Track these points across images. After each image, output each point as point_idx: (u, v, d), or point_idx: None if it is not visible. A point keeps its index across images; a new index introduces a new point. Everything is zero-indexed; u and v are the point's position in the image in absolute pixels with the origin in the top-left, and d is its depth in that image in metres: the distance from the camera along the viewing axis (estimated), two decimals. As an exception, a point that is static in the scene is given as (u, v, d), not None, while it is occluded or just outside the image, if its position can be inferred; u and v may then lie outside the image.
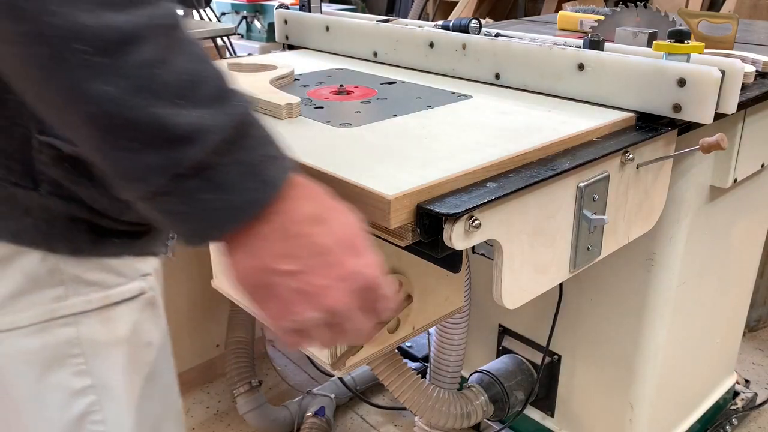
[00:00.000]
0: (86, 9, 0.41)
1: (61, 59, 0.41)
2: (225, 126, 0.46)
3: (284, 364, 1.92)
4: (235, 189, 0.47)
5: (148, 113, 0.43)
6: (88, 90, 0.42)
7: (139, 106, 0.43)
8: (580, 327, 1.31)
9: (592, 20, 1.45)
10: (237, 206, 0.48)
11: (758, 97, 1.01)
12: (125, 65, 0.42)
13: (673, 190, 1.05)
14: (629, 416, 1.29)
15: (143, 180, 0.45)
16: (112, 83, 0.42)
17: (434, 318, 1.02)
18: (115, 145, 0.44)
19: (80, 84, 0.42)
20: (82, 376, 0.59)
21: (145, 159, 0.44)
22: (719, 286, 1.36)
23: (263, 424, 1.56)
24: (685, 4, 3.07)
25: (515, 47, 1.06)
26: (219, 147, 0.46)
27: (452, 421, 1.31)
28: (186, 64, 0.45)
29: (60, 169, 0.53)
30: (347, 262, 0.51)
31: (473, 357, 1.55)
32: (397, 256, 0.91)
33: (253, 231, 0.49)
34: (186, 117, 0.44)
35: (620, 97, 0.95)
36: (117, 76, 0.42)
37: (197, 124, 0.45)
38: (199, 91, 0.45)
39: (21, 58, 0.42)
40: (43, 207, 0.53)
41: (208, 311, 1.71)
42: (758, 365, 1.91)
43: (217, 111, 0.46)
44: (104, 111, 0.42)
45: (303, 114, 0.95)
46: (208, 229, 0.49)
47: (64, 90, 0.42)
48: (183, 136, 0.44)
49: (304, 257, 0.50)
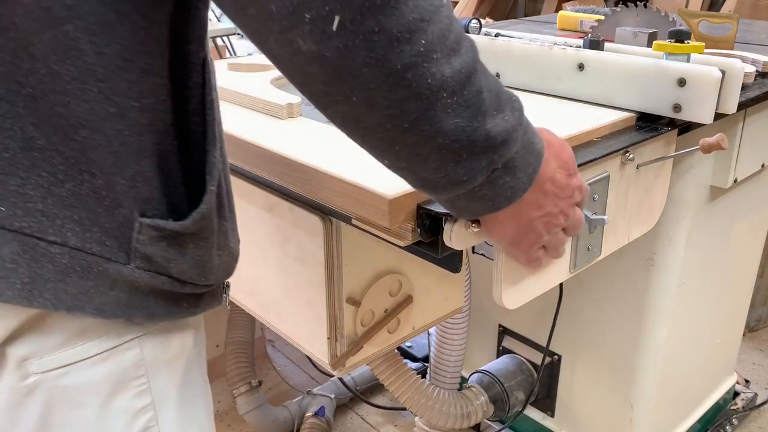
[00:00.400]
0: (445, 62, 0.47)
1: (429, 109, 0.48)
2: (520, 120, 0.55)
3: (284, 364, 1.92)
4: (522, 167, 0.56)
5: (482, 131, 0.51)
6: (445, 126, 0.49)
7: (475, 128, 0.51)
8: (580, 327, 1.31)
9: (592, 20, 1.45)
10: (524, 180, 0.57)
11: (758, 97, 1.00)
12: (467, 97, 0.50)
13: (673, 190, 1.05)
14: (629, 416, 1.29)
15: (467, 182, 0.54)
16: (460, 116, 0.50)
17: (434, 318, 1.02)
18: (451, 161, 0.52)
19: (441, 123, 0.49)
20: (143, 395, 0.59)
21: (472, 165, 0.52)
22: (719, 287, 1.36)
23: (263, 424, 1.56)
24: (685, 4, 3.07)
25: (515, 47, 1.06)
26: (521, 136, 0.55)
27: (452, 421, 1.31)
28: (490, 79, 0.52)
29: (156, 248, 0.54)
30: (572, 184, 0.64)
31: (473, 357, 1.55)
32: (397, 256, 0.91)
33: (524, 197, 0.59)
34: (500, 123, 0.52)
35: (620, 97, 0.95)
36: (462, 108, 0.49)
37: (508, 126, 0.53)
38: (501, 99, 0.53)
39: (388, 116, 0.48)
40: (129, 281, 0.54)
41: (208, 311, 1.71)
42: (758, 365, 1.91)
43: (513, 110, 0.54)
44: (453, 139, 0.50)
45: (303, 114, 0.95)
46: (499, 205, 0.58)
47: (425, 132, 0.49)
48: (503, 140, 0.53)
49: (550, 201, 0.62)
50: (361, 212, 0.71)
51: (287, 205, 0.88)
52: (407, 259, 0.92)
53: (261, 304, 1.02)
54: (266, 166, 0.83)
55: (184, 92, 0.55)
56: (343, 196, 0.72)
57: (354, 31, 0.43)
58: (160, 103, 0.53)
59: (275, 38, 0.45)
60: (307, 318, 0.92)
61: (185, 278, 0.57)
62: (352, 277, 0.87)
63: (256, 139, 0.84)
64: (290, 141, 0.84)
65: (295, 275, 0.91)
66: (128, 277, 0.53)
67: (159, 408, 0.61)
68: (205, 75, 0.56)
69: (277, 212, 0.91)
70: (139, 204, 0.53)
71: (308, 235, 0.86)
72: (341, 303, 0.87)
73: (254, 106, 0.98)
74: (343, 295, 0.87)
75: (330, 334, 0.89)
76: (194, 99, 0.56)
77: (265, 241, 0.95)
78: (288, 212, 0.88)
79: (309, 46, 0.44)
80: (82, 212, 0.51)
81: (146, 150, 0.52)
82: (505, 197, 0.57)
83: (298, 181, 0.78)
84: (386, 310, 0.93)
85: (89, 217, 0.51)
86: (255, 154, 0.83)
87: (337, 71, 0.45)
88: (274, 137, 0.85)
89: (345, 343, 0.90)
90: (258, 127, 0.90)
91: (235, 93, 1.00)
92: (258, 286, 1.01)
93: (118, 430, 0.59)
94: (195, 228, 0.55)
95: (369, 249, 0.87)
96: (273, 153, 0.80)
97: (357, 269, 0.87)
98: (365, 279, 0.89)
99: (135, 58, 0.50)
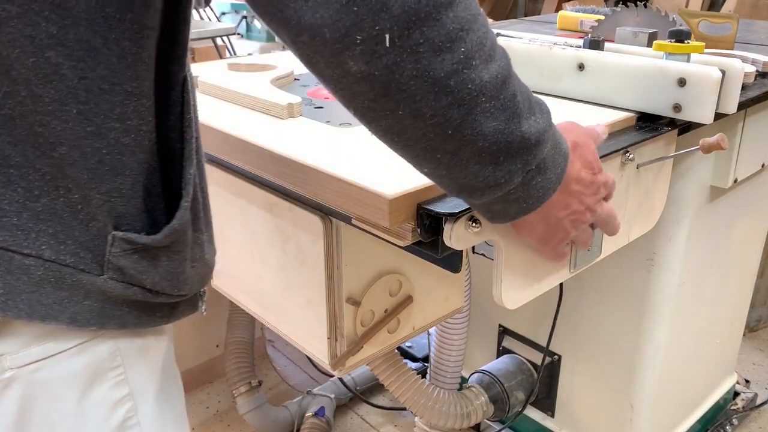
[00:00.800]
0: (483, 68, 0.49)
1: (470, 114, 0.50)
2: (549, 122, 0.57)
3: (284, 364, 1.92)
4: (552, 168, 0.58)
5: (517, 133, 0.53)
6: (483, 129, 0.51)
7: (512, 130, 0.52)
8: (580, 327, 1.31)
9: (592, 20, 1.45)
10: (553, 180, 0.59)
11: (758, 97, 1.00)
12: (504, 101, 0.51)
13: (674, 190, 1.05)
14: (629, 416, 1.29)
15: (504, 185, 0.55)
16: (497, 119, 0.51)
17: (434, 318, 1.02)
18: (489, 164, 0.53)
19: (481, 127, 0.51)
20: (121, 386, 0.60)
21: (510, 167, 0.54)
22: (719, 286, 1.36)
23: (263, 424, 1.56)
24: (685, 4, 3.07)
25: (515, 47, 1.06)
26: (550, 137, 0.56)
27: (452, 421, 1.31)
28: (521, 83, 0.54)
29: (129, 260, 0.55)
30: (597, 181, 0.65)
31: (473, 357, 1.55)
32: (397, 256, 0.91)
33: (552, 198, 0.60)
34: (533, 125, 0.54)
35: (620, 97, 0.95)
36: (499, 111, 0.51)
37: (540, 128, 0.55)
38: (532, 102, 0.55)
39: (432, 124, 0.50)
40: (102, 291, 0.55)
41: (208, 311, 1.71)
42: (758, 365, 1.91)
43: (543, 112, 0.56)
44: (492, 142, 0.52)
45: (303, 114, 0.95)
46: (531, 207, 0.59)
47: (467, 137, 0.51)
48: (536, 141, 0.54)
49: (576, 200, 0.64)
50: (361, 212, 0.71)
51: (287, 205, 0.88)
52: (407, 259, 0.92)
53: (261, 304, 1.02)
54: (266, 166, 0.83)
55: (165, 111, 0.57)
56: (343, 196, 0.72)
57: (402, 47, 0.45)
58: (146, 124, 0.54)
59: (326, 62, 0.47)
60: (307, 318, 0.92)
61: (158, 289, 0.58)
62: (352, 277, 0.87)
63: (256, 139, 0.84)
64: (290, 141, 0.84)
65: (295, 275, 0.91)
66: (101, 288, 0.55)
67: (137, 398, 0.62)
68: (184, 94, 0.58)
69: (277, 212, 0.91)
70: (113, 218, 0.54)
71: (308, 235, 0.86)
72: (341, 303, 0.87)
73: (254, 106, 0.98)
74: (343, 295, 0.87)
75: (330, 334, 0.89)
76: (173, 117, 0.58)
77: (265, 241, 0.95)
78: (288, 212, 0.88)
79: (359, 66, 0.46)
80: (57, 226, 0.52)
81: (125, 167, 0.54)
82: (536, 198, 0.59)
83: (298, 181, 0.78)
84: (386, 310, 0.93)
85: (64, 230, 0.52)
86: (255, 154, 0.83)
87: (385, 88, 0.47)
88: (274, 137, 0.85)
89: (345, 343, 0.90)
90: (258, 127, 0.90)
91: (235, 93, 1.00)
92: (258, 286, 1.01)
93: (97, 422, 0.59)
94: (167, 242, 0.57)
95: (369, 249, 0.87)
96: (273, 153, 0.80)
97: (357, 269, 0.87)
98: (365, 279, 0.89)
99: (122, 81, 0.51)
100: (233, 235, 1.02)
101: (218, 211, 1.04)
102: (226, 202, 1.00)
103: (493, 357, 1.49)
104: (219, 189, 1.01)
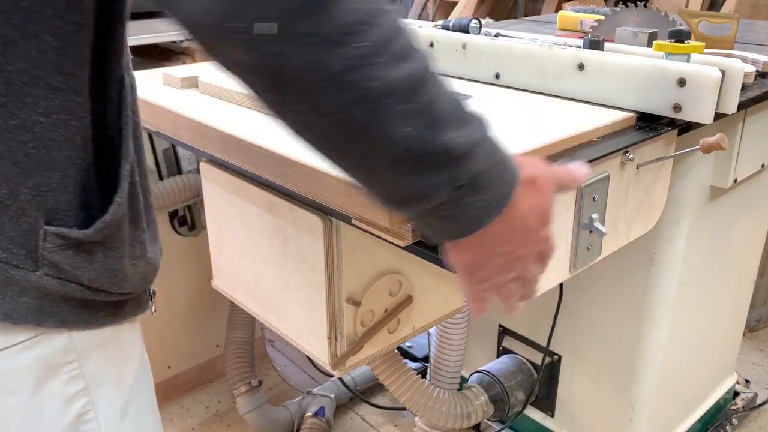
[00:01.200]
0: (392, 67, 0.46)
1: (378, 114, 0.47)
2: (485, 135, 0.53)
3: (284, 364, 1.92)
4: (492, 187, 0.53)
5: (438, 141, 0.49)
6: (396, 134, 0.48)
7: (431, 138, 0.49)
8: (580, 327, 1.31)
9: (592, 20, 1.45)
10: (495, 201, 0.54)
11: (758, 97, 1.00)
12: (419, 105, 0.48)
13: (674, 190, 1.05)
14: (629, 416, 1.29)
15: (429, 197, 0.52)
16: (412, 123, 0.48)
17: (434, 318, 1.02)
18: (407, 173, 0.50)
19: (389, 130, 0.48)
20: (75, 381, 0.60)
21: (433, 179, 0.51)
22: (719, 286, 1.36)
23: (263, 424, 1.56)
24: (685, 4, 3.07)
25: (515, 47, 1.06)
26: (486, 154, 0.52)
27: (452, 421, 1.31)
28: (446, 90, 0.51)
29: (63, 255, 0.55)
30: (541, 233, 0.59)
31: (473, 357, 1.55)
32: (397, 256, 0.91)
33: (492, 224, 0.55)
34: (461, 137, 0.50)
35: (620, 97, 0.95)
36: (413, 116, 0.48)
37: (470, 140, 0.51)
38: (460, 111, 0.52)
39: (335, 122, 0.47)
40: (39, 287, 0.55)
41: (208, 311, 1.72)
42: (758, 365, 1.91)
43: (476, 124, 0.53)
44: (406, 148, 0.49)
45: (303, 114, 0.95)
46: (470, 227, 0.55)
47: (375, 139, 0.48)
48: (464, 153, 0.51)
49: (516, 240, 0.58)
50: (361, 212, 0.71)
51: (287, 205, 0.88)
52: (407, 259, 0.92)
53: (261, 304, 1.02)
54: (266, 166, 0.83)
55: (103, 108, 0.57)
56: (343, 196, 0.72)
57: (287, 37, 0.43)
58: (77, 120, 0.54)
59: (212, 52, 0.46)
60: (307, 318, 0.92)
61: (96, 286, 0.58)
62: (352, 277, 0.87)
63: (256, 139, 0.84)
64: (290, 141, 0.84)
65: (295, 275, 0.91)
66: (37, 284, 0.55)
67: (94, 393, 0.61)
68: (122, 92, 0.58)
69: (277, 212, 0.91)
70: (44, 213, 0.54)
71: (308, 235, 0.86)
72: (341, 303, 0.87)
73: (254, 105, 0.98)
74: (343, 295, 0.87)
75: (330, 334, 0.89)
76: (111, 115, 0.58)
77: (265, 241, 0.95)
78: (288, 212, 0.88)
79: (241, 56, 0.44)
80: None
81: (54, 161, 0.54)
82: (472, 219, 0.54)
83: (298, 181, 0.78)
84: (386, 310, 0.93)
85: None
86: (255, 154, 0.83)
87: (275, 79, 0.46)
88: (274, 137, 0.85)
89: (345, 343, 0.90)
90: (258, 127, 0.90)
91: (235, 93, 1.00)
92: (258, 286, 1.01)
93: (51, 416, 0.59)
94: (99, 237, 0.56)
95: (369, 249, 0.87)
96: (273, 153, 0.80)
97: (357, 269, 0.87)
98: (365, 279, 0.89)
99: (45, 75, 0.51)
100: (233, 235, 1.02)
101: (218, 211, 1.04)
102: (226, 202, 1.00)
103: (493, 357, 1.49)
104: (219, 189, 1.01)
